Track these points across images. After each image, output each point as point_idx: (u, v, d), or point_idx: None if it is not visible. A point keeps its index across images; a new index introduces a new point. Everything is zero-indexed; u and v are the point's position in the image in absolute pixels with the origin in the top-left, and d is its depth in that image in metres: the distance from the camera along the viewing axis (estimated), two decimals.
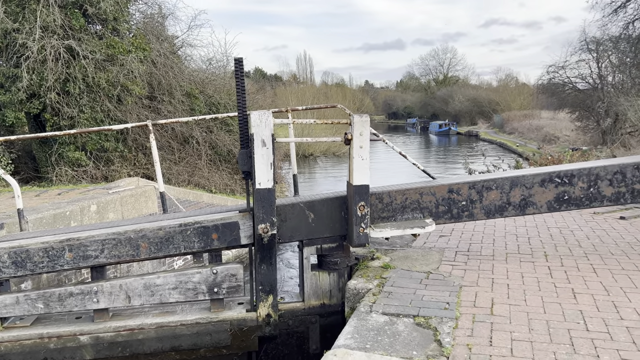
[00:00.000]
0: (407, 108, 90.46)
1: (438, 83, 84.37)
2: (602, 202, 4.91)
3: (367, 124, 4.33)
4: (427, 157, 39.67)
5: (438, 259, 5.00)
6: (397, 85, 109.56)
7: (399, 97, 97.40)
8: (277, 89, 52.05)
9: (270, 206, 4.22)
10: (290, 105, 40.10)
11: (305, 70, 77.65)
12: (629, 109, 19.61)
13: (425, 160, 36.31)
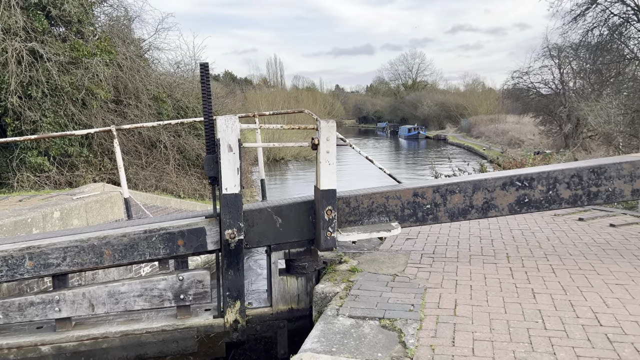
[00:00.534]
0: (377, 112, 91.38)
1: (407, 88, 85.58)
2: (561, 204, 5.08)
3: (334, 129, 4.38)
4: (397, 160, 40.14)
5: (404, 261, 5.08)
6: (367, 90, 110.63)
7: (369, 101, 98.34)
8: (247, 92, 51.89)
9: (237, 211, 4.21)
10: (260, 109, 40.05)
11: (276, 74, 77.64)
12: (589, 113, 20.31)
13: (395, 164, 36.73)
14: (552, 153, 20.74)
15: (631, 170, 5.08)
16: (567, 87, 28.18)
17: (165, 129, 14.37)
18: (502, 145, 36.70)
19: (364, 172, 18.88)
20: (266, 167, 32.23)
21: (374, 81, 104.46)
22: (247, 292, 7.13)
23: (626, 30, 14.69)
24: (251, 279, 8.73)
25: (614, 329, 3.40)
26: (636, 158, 5.19)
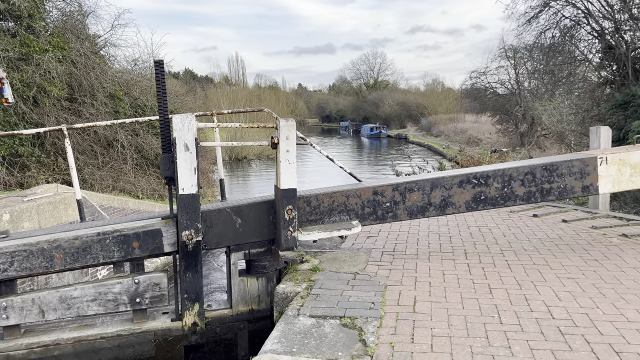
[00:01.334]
0: (340, 111, 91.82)
1: (369, 87, 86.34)
2: (515, 201, 5.21)
3: (293, 128, 4.35)
4: (360, 159, 40.44)
5: (365, 259, 5.10)
6: (330, 89, 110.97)
7: (331, 100, 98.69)
8: (208, 90, 51.09)
9: (195, 212, 4.12)
10: (222, 107, 39.51)
11: (238, 72, 76.84)
12: (543, 113, 21.03)
13: (358, 162, 37.00)
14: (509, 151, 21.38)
15: (581, 168, 5.26)
16: (523, 87, 29.10)
17: (123, 127, 13.99)
18: (460, 143, 37.55)
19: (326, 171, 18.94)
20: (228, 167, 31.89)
21: (337, 80, 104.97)
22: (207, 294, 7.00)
23: (577, 32, 15.27)
24: (211, 279, 8.60)
25: (565, 321, 3.51)
26: (586, 156, 5.38)
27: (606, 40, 14.29)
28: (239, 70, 77.42)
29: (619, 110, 12.92)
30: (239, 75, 76.76)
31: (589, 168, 5.28)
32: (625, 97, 12.75)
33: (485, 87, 32.36)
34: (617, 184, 5.39)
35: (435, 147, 40.55)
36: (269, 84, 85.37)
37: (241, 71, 78.00)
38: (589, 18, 14.44)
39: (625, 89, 13.08)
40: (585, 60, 15.42)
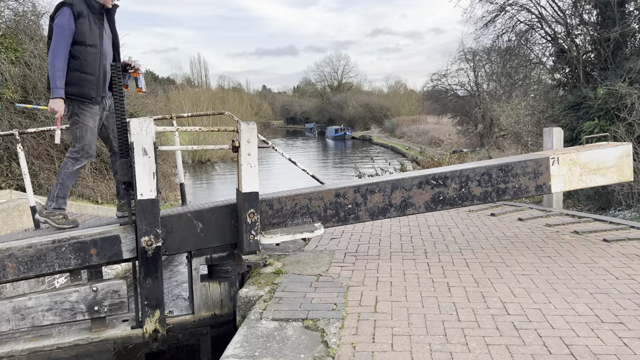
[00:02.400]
0: (304, 113, 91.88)
1: (333, 89, 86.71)
2: (473, 201, 5.36)
3: (255, 131, 4.35)
4: (325, 160, 40.59)
5: (328, 261, 5.14)
6: (294, 91, 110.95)
7: (296, 102, 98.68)
8: (170, 92, 50.25)
9: (154, 217, 4.07)
10: (184, 109, 38.97)
11: (200, 74, 75.72)
12: (501, 114, 21.65)
13: (323, 164, 37.15)
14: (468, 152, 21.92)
15: (535, 168, 5.46)
16: (482, 89, 29.90)
17: None
18: (423, 144, 38.22)
19: (289, 173, 18.96)
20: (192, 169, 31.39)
21: (301, 82, 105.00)
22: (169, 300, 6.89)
23: (532, 36, 15.78)
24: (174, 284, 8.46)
25: (519, 317, 3.64)
26: (539, 156, 5.59)
27: (559, 44, 14.83)
28: (202, 72, 76.34)
29: (572, 111, 13.43)
30: (202, 76, 75.75)
31: (542, 168, 5.49)
32: (577, 98, 13.26)
33: (446, 89, 33.08)
34: (568, 183, 5.61)
35: (399, 148, 41.13)
36: (233, 85, 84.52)
37: (204, 72, 76.89)
38: (543, 22, 14.97)
39: (577, 91, 13.61)
40: (540, 63, 15.96)
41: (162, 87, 57.38)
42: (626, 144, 5.87)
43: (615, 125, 11.95)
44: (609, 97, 12.17)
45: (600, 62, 13.75)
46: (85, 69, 4.21)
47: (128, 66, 4.53)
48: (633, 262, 4.82)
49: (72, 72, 4.18)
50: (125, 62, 4.50)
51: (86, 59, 4.20)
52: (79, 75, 4.21)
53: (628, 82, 12.15)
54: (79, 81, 4.22)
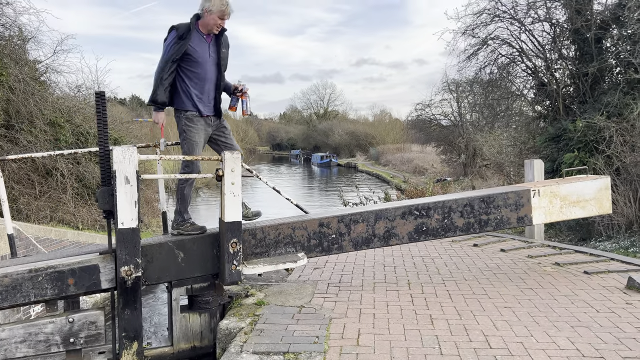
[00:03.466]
0: (290, 140, 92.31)
1: (319, 116, 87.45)
2: (455, 232, 5.39)
3: (239, 160, 4.35)
4: (310, 187, 40.61)
5: (311, 292, 5.09)
6: (281, 118, 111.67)
7: (282, 129, 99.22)
8: None
9: (135, 247, 4.01)
10: (170, 135, 38.84)
11: None
12: (484, 144, 21.99)
13: (309, 190, 37.16)
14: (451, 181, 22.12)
15: (516, 200, 5.53)
16: (465, 119, 30.41)
17: (63, 155, 13.45)
18: (407, 173, 38.51)
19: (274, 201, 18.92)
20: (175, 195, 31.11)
21: (287, 109, 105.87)
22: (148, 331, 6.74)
23: (513, 69, 16.18)
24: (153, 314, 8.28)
25: (502, 350, 3.63)
26: (520, 188, 5.66)
27: (539, 78, 15.21)
28: None
29: (552, 143, 13.69)
30: None
31: (523, 200, 5.56)
32: (557, 131, 13.55)
33: (430, 118, 33.57)
34: (549, 215, 5.69)
35: (384, 176, 41.36)
36: None
37: None
38: (523, 56, 15.37)
39: (557, 123, 13.91)
40: (521, 96, 16.32)
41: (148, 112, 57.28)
42: (604, 177, 5.99)
43: (594, 157, 12.20)
44: (588, 130, 12.45)
45: (579, 95, 14.12)
46: (189, 85, 4.51)
47: (236, 89, 4.83)
48: (613, 295, 4.85)
49: (177, 88, 4.52)
50: (235, 86, 4.82)
51: (191, 77, 4.51)
52: (184, 92, 4.51)
53: (606, 116, 12.47)
54: (183, 97, 4.53)
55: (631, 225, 11.27)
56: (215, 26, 4.48)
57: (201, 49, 4.47)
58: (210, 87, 4.61)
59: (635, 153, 11.66)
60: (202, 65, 4.49)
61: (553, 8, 14.54)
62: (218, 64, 4.64)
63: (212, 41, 4.58)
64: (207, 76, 4.56)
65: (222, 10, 4.40)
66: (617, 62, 13.59)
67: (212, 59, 4.59)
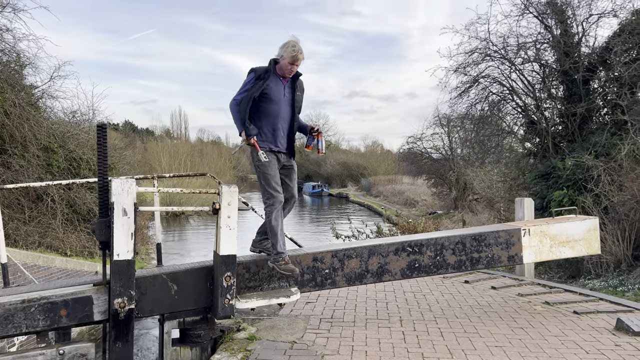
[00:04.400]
0: None
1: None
2: (447, 269, 5.44)
3: (236, 194, 4.40)
4: (302, 217, 40.53)
5: (303, 327, 5.08)
6: None
7: None
8: (148, 143, 50.25)
9: (129, 279, 4.01)
10: (162, 161, 38.91)
11: (180, 126, 76.30)
12: (474, 179, 22.27)
13: (300, 219, 37.07)
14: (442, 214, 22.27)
15: (507, 238, 5.61)
16: (456, 154, 30.81)
17: (54, 180, 13.40)
18: (398, 204, 38.66)
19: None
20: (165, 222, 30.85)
21: None
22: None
23: (504, 107, 16.54)
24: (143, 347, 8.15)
25: None
26: (511, 227, 5.75)
27: (529, 116, 15.56)
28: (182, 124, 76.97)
29: (542, 180, 13.91)
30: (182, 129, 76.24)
31: (514, 239, 5.64)
32: (547, 168, 13.79)
33: (421, 151, 33.97)
34: (539, 254, 5.77)
35: (375, 207, 41.46)
36: (212, 138, 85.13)
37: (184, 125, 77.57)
38: (514, 95, 15.76)
39: (547, 161, 14.17)
40: (512, 133, 16.65)
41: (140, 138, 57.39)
42: (593, 217, 6.10)
43: (583, 195, 12.39)
44: (576, 168, 12.69)
45: (568, 134, 14.44)
46: (262, 122, 4.74)
47: (312, 129, 5.03)
48: (602, 336, 4.90)
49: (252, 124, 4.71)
50: (311, 126, 5.04)
51: (263, 115, 4.74)
52: (257, 128, 4.71)
53: (594, 155, 12.73)
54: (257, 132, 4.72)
55: (619, 264, 11.38)
56: (288, 71, 4.73)
57: (277, 89, 4.74)
58: (284, 125, 4.82)
59: (623, 192, 11.87)
60: (277, 104, 4.74)
61: (542, 49, 15.00)
62: (292, 105, 4.88)
63: (287, 83, 4.83)
64: (281, 114, 4.78)
65: (293, 57, 4.65)
66: (604, 103, 13.97)
67: (287, 99, 4.82)
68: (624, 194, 11.81)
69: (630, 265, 11.27)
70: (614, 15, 13.84)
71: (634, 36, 12.86)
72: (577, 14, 14.23)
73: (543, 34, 14.84)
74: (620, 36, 13.16)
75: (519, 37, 14.98)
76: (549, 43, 14.76)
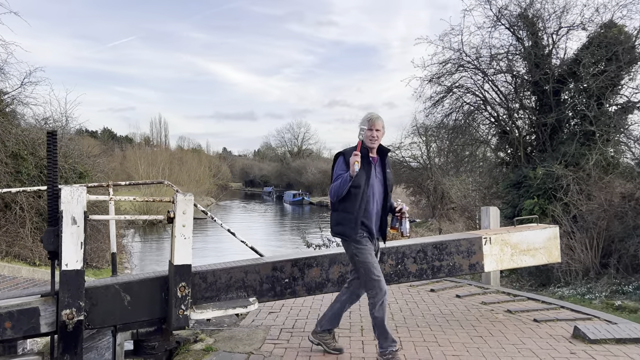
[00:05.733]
0: (263, 177, 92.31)
1: (293, 155, 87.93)
2: (409, 277, 5.45)
3: (191, 202, 4.35)
4: (282, 225, 40.39)
5: (262, 337, 5.03)
6: (255, 154, 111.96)
7: (256, 165, 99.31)
8: (127, 151, 49.68)
9: (79, 289, 3.92)
10: (139, 169, 38.48)
11: (160, 134, 75.58)
12: (451, 188, 22.45)
13: (280, 228, 36.94)
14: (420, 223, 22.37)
15: (468, 247, 5.64)
16: (433, 163, 31.05)
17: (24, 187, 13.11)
18: None
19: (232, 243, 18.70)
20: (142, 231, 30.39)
21: (262, 146, 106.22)
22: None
23: (477, 117, 16.74)
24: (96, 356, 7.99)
25: None
26: (472, 235, 5.79)
27: (502, 126, 15.79)
28: (161, 132, 76.23)
29: (513, 189, 14.09)
30: (161, 136, 75.54)
31: (475, 247, 5.68)
32: (518, 177, 13.98)
33: (400, 160, 34.13)
34: (500, 263, 5.81)
35: None
36: (193, 146, 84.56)
37: (163, 132, 76.79)
38: (487, 105, 15.97)
39: (518, 170, 14.36)
40: (485, 142, 16.85)
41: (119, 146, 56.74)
42: (553, 226, 6.18)
43: (553, 204, 12.58)
44: (547, 178, 12.89)
45: (539, 144, 14.68)
46: (348, 208, 4.37)
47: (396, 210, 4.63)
48: (559, 344, 4.94)
49: (339, 212, 4.44)
50: (394, 206, 4.63)
51: (349, 199, 4.36)
52: (343, 215, 4.40)
53: (564, 165, 12.96)
54: (342, 220, 4.41)
55: (588, 272, 11.55)
56: (369, 139, 4.39)
57: (363, 170, 4.34)
58: (378, 209, 4.48)
59: (591, 202, 12.09)
60: (360, 187, 4.35)
61: (514, 61, 15.26)
62: (384, 184, 4.53)
63: (377, 162, 4.50)
64: (375, 197, 4.45)
65: (369, 121, 4.40)
66: (573, 114, 14.26)
67: (379, 179, 4.50)
68: (592, 203, 12.02)
69: (598, 273, 11.45)
70: (582, 29, 14.19)
71: (601, 49, 13.18)
72: (547, 27, 14.54)
73: (515, 46, 15.11)
74: (588, 49, 13.47)
75: (492, 49, 15.24)
76: (520, 54, 15.02)
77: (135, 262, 18.16)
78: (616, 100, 13.85)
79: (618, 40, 13.06)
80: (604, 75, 12.93)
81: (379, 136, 4.45)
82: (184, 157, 57.97)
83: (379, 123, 4.42)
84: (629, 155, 13.90)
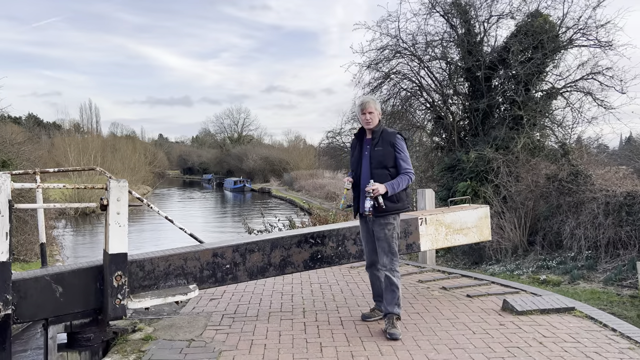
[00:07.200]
0: (203, 164, 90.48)
1: (233, 141, 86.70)
2: (349, 259, 5.56)
3: (125, 189, 4.21)
4: (224, 213, 39.84)
5: (204, 324, 4.98)
6: (193, 141, 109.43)
7: (194, 152, 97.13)
8: (55, 138, 47.03)
9: (4, 282, 3.71)
10: (69, 157, 36.63)
11: (91, 120, 71.90)
12: None
13: (222, 216, 36.41)
14: None
15: (405, 227, 5.83)
16: None
17: None
18: (319, 198, 39.11)
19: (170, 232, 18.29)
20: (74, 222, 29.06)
21: (200, 133, 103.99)
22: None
23: (414, 102, 17.17)
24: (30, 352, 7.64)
25: None
26: (409, 216, 5.98)
27: (437, 111, 16.29)
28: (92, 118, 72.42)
29: (448, 172, 14.64)
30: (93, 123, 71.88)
31: (412, 228, 5.87)
32: (452, 161, 14.52)
33: (341, 146, 34.50)
34: (435, 242, 6.05)
35: (297, 201, 41.66)
36: (127, 133, 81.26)
37: (94, 119, 72.97)
38: (423, 91, 16.41)
39: (452, 154, 14.92)
40: (421, 127, 17.34)
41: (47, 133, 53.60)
42: (484, 206, 6.50)
43: (484, 186, 13.20)
44: (479, 161, 13.48)
45: (472, 129, 15.28)
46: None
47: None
48: (490, 316, 5.23)
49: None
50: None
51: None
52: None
53: (494, 148, 13.59)
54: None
55: (516, 250, 12.26)
56: (364, 122, 4.82)
57: (356, 150, 4.99)
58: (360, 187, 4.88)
59: (519, 183, 12.78)
60: (353, 167, 5.02)
61: (448, 48, 15.72)
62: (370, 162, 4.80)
63: (370, 142, 4.85)
64: (363, 176, 4.87)
65: (360, 106, 4.84)
66: (503, 99, 14.93)
67: (366, 158, 4.84)
68: (520, 184, 12.72)
69: (526, 250, 12.17)
70: (511, 17, 14.83)
71: (528, 37, 13.84)
72: (479, 15, 15.08)
73: (449, 33, 15.57)
74: (516, 37, 14.12)
75: (427, 35, 15.61)
76: (454, 42, 15.50)
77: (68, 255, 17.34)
78: (541, 86, 14.63)
79: (543, 29, 13.76)
80: (530, 63, 13.60)
81: (372, 118, 4.79)
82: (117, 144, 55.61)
83: (370, 106, 4.78)
84: (553, 139, 14.77)
